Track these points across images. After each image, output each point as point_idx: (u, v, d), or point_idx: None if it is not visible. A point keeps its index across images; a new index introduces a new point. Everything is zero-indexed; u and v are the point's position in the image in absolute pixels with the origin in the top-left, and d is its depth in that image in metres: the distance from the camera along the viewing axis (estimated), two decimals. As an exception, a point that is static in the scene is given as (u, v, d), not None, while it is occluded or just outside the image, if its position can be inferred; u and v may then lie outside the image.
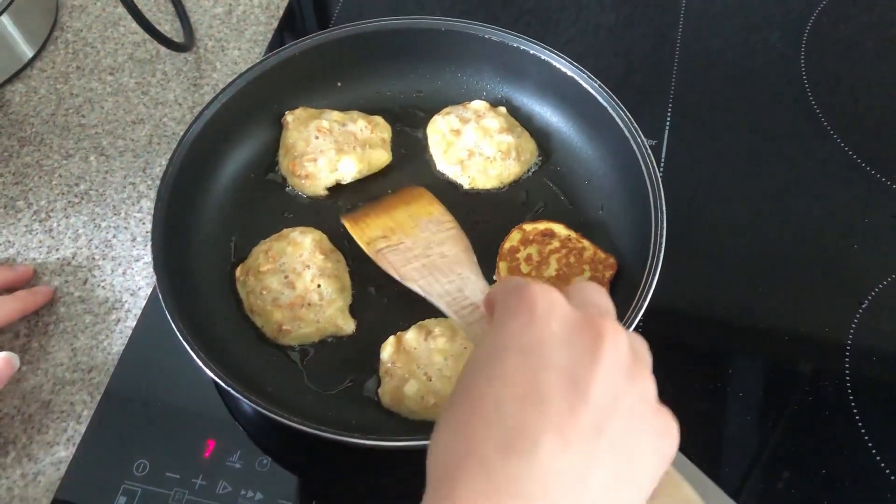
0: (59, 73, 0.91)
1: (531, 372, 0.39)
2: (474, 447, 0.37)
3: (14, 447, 0.67)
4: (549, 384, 0.38)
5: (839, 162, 0.82)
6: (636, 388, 0.40)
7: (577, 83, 0.74)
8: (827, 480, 0.64)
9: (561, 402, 0.38)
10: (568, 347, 0.39)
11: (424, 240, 0.67)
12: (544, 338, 0.40)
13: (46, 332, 0.72)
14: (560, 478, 0.36)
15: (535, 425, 0.37)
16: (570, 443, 0.37)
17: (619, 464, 0.38)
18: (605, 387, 0.38)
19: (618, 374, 0.39)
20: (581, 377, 0.38)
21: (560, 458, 0.36)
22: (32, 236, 0.78)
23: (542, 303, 0.41)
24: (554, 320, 0.41)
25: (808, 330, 0.71)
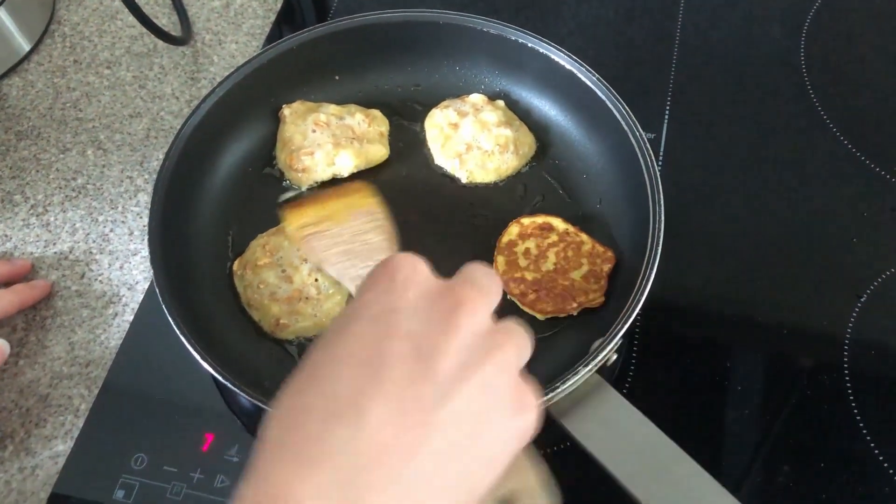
0: (56, 67, 0.90)
1: (376, 340, 0.38)
2: (301, 418, 0.36)
3: (12, 441, 0.66)
4: (392, 352, 0.37)
5: (838, 155, 0.82)
6: (493, 360, 0.38)
7: (576, 76, 0.74)
8: (825, 473, 0.64)
9: (401, 371, 0.36)
10: (422, 316, 0.39)
11: (352, 228, 0.67)
12: (398, 306, 0.39)
13: (44, 327, 0.72)
14: (384, 449, 0.35)
15: (365, 394, 0.36)
16: (404, 412, 0.35)
17: (459, 438, 0.36)
18: (456, 357, 0.37)
19: (473, 345, 0.38)
20: (429, 346, 0.37)
21: (387, 428, 0.35)
22: (30, 230, 0.78)
23: (404, 271, 0.41)
24: (412, 289, 0.40)
25: (807, 323, 0.71)
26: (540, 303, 0.67)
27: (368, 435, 0.34)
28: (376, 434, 0.35)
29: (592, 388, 0.59)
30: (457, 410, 0.36)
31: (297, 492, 0.33)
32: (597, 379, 0.60)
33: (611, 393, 0.59)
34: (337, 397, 0.36)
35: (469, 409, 0.37)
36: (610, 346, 0.59)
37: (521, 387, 0.40)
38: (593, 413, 0.58)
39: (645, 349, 0.70)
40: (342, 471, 0.34)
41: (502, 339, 0.40)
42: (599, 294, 0.67)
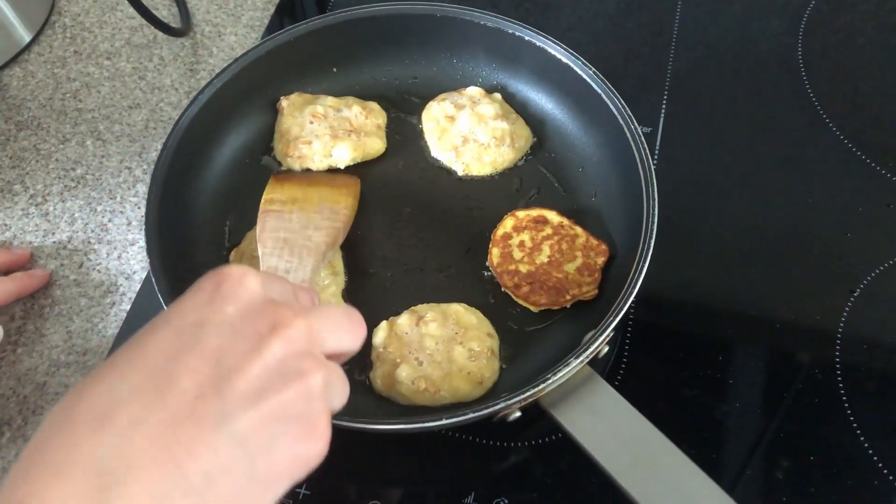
0: (56, 58, 0.91)
1: (174, 350, 0.37)
2: (71, 419, 0.35)
3: (9, 428, 0.67)
4: (187, 366, 0.36)
5: (835, 151, 0.82)
6: (294, 387, 0.38)
7: (572, 70, 0.74)
8: (815, 468, 0.64)
9: (189, 385, 0.35)
10: (232, 332, 0.37)
11: (307, 220, 0.68)
12: (211, 319, 0.38)
13: (42, 315, 0.73)
14: (148, 457, 0.33)
15: (143, 404, 0.34)
16: (179, 424, 0.34)
17: (235, 458, 0.35)
18: (254, 380, 0.36)
19: (277, 369, 0.37)
20: (229, 365, 0.36)
21: (159, 439, 0.34)
22: (29, 220, 0.79)
23: (229, 283, 0.40)
24: (232, 303, 0.39)
25: (800, 317, 0.71)
26: (534, 295, 0.67)
27: (133, 446, 0.33)
28: (142, 446, 0.33)
29: (584, 379, 0.60)
30: (237, 432, 0.35)
31: (44, 500, 0.32)
32: (588, 371, 0.60)
33: (602, 385, 0.59)
34: (112, 405, 0.34)
35: (250, 434, 0.36)
36: (601, 339, 0.59)
37: (314, 417, 0.39)
38: (584, 405, 0.58)
39: (637, 343, 0.70)
40: (96, 481, 0.32)
41: (312, 369, 0.39)
42: (593, 287, 0.67)
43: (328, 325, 0.42)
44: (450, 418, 0.56)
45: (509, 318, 0.68)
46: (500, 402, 0.56)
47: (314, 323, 0.40)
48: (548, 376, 0.57)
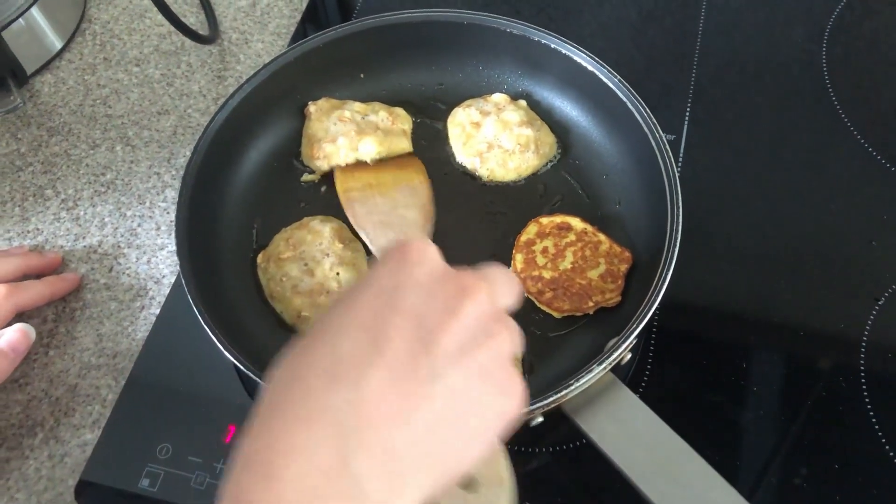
0: (86, 65, 0.93)
1: (380, 312, 0.40)
2: (302, 375, 0.38)
3: (42, 429, 0.68)
4: (395, 325, 0.39)
5: (859, 159, 0.82)
6: (489, 346, 0.40)
7: (597, 77, 0.75)
8: (839, 475, 0.64)
9: (401, 344, 0.38)
10: (427, 296, 0.40)
11: (393, 201, 0.71)
12: (406, 283, 0.41)
13: (73, 318, 0.74)
14: (380, 411, 0.37)
15: (366, 361, 0.38)
16: (399, 382, 0.37)
17: (450, 410, 0.38)
18: (454, 338, 0.39)
19: (472, 329, 0.40)
20: (430, 325, 0.39)
21: (385, 394, 0.37)
22: (60, 224, 0.80)
23: (415, 253, 0.43)
24: (422, 269, 0.42)
25: (824, 325, 0.71)
26: (557, 301, 0.68)
27: (364, 399, 0.37)
28: (372, 399, 0.37)
29: (606, 386, 0.60)
30: (449, 387, 0.38)
31: (292, 444, 0.36)
32: (611, 378, 0.60)
33: (624, 392, 0.60)
34: (338, 361, 0.38)
35: (460, 388, 0.39)
36: (624, 346, 0.59)
37: (510, 374, 0.42)
38: (606, 411, 0.59)
39: (661, 350, 0.71)
40: (336, 429, 0.36)
41: (499, 329, 0.41)
42: (616, 294, 0.68)
43: (499, 287, 0.44)
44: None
45: (532, 323, 0.69)
46: (524, 406, 0.57)
47: (491, 285, 0.43)
48: (570, 382, 0.57)
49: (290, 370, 0.39)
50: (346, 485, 0.35)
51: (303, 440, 0.36)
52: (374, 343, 0.38)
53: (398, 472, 0.37)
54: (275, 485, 0.35)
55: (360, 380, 0.37)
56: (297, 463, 0.35)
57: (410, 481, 0.37)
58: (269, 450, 0.36)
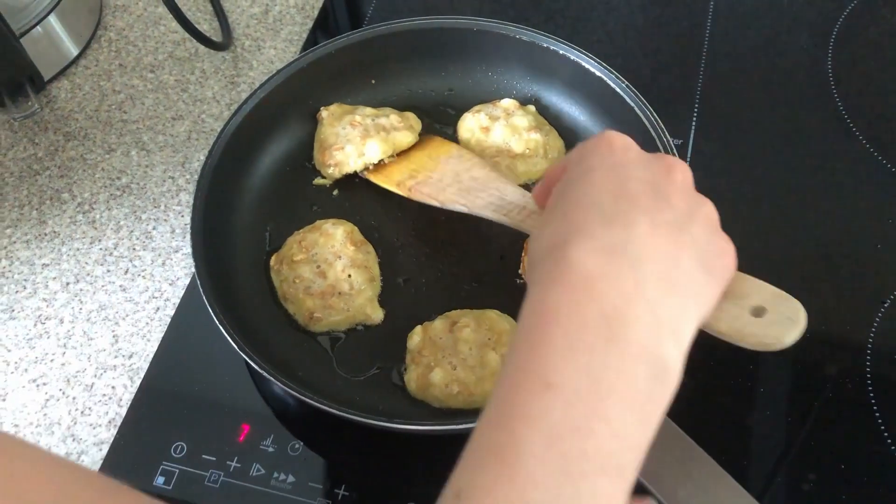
0: (102, 71, 0.94)
1: (619, 181, 0.45)
2: (579, 225, 0.43)
3: (59, 427, 0.70)
4: (637, 189, 0.44)
5: (865, 163, 0.82)
6: (704, 209, 0.46)
7: (605, 82, 0.76)
8: (846, 478, 0.65)
9: (648, 202, 0.44)
10: (647, 168, 0.46)
11: (451, 171, 0.72)
12: (624, 160, 0.47)
13: (89, 319, 0.75)
14: (658, 251, 0.42)
15: (629, 213, 0.43)
16: (660, 226, 0.43)
17: (698, 255, 0.43)
18: (683, 198, 0.45)
19: (690, 193, 0.46)
20: (662, 187, 0.45)
21: (654, 236, 0.42)
22: (76, 227, 0.82)
23: (619, 140, 0.49)
24: (631, 151, 0.48)
25: (830, 328, 0.72)
26: (566, 303, 0.68)
27: (639, 238, 0.42)
28: (646, 240, 0.42)
29: (616, 385, 0.61)
30: (692, 235, 0.44)
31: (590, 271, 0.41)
32: (620, 377, 0.61)
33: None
34: (606, 214, 0.43)
35: (700, 238, 0.44)
36: (634, 345, 0.60)
37: (721, 232, 0.47)
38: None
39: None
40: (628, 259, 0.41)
41: (703, 199, 0.47)
42: (625, 295, 0.69)
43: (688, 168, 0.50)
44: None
45: (541, 325, 0.69)
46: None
47: None
48: (581, 381, 0.58)
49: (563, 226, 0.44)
50: (641, 308, 0.40)
51: (600, 263, 0.41)
52: (628, 201, 0.44)
53: (680, 302, 0.42)
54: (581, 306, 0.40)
55: (630, 224, 0.42)
56: (602, 284, 0.40)
57: (688, 310, 0.42)
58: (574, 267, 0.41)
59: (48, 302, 0.77)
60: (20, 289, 0.77)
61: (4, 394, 0.71)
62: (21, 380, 0.72)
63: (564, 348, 0.39)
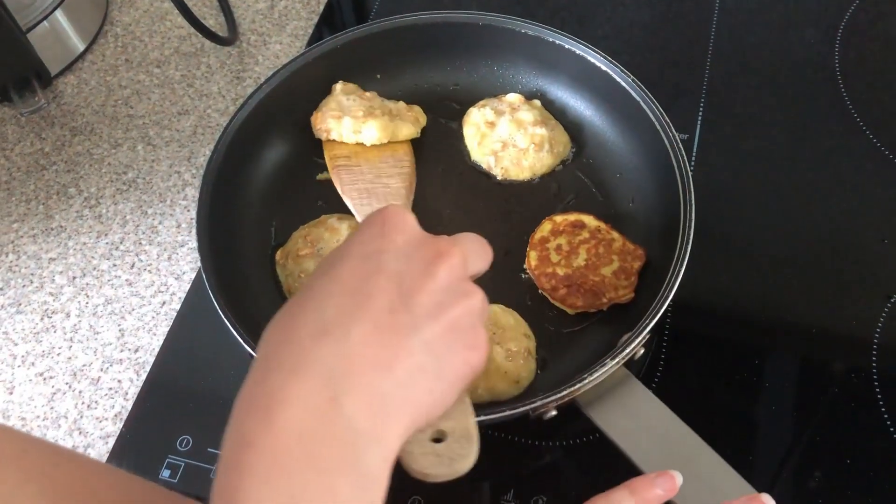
0: (108, 66, 0.94)
1: (364, 274, 0.44)
2: (292, 335, 0.42)
3: (66, 421, 0.70)
4: (378, 286, 0.43)
5: (871, 158, 0.82)
6: (461, 305, 0.45)
7: (611, 77, 0.75)
8: (852, 473, 0.65)
9: (383, 302, 0.42)
10: (406, 259, 0.45)
11: (377, 170, 0.74)
12: (386, 248, 0.45)
13: (96, 313, 0.76)
14: (365, 361, 0.41)
15: (351, 317, 0.42)
16: (382, 334, 0.41)
17: (427, 360, 0.43)
18: (431, 297, 0.44)
19: (447, 289, 0.45)
20: (409, 285, 0.44)
21: (369, 346, 0.41)
22: (83, 221, 0.82)
23: (394, 219, 0.47)
24: (400, 235, 0.46)
25: (837, 322, 0.72)
26: (570, 298, 0.69)
27: (351, 350, 0.40)
28: (358, 349, 0.41)
29: (619, 381, 0.61)
30: (426, 340, 0.43)
31: (286, 393, 0.39)
32: (624, 372, 0.61)
33: (637, 386, 0.61)
34: (325, 319, 0.42)
35: (436, 341, 0.43)
36: (637, 341, 0.60)
37: (478, 330, 0.46)
38: (619, 405, 0.60)
39: (674, 347, 0.71)
40: (326, 378, 0.39)
41: (470, 290, 0.46)
42: (629, 290, 0.69)
43: (472, 251, 0.50)
44: (488, 414, 0.58)
45: (546, 320, 0.70)
46: (537, 399, 0.58)
47: (463, 250, 0.48)
48: (584, 376, 0.58)
49: (281, 331, 0.43)
50: (340, 425, 0.39)
51: (296, 389, 0.39)
52: (357, 303, 0.42)
53: (384, 413, 0.41)
54: (274, 427, 0.38)
55: (347, 334, 0.41)
56: (293, 408, 0.38)
57: (395, 421, 0.41)
58: (267, 397, 0.39)
59: (55, 296, 0.77)
60: (27, 283, 0.78)
61: (12, 387, 0.72)
62: (28, 373, 0.72)
63: (261, 474, 0.37)
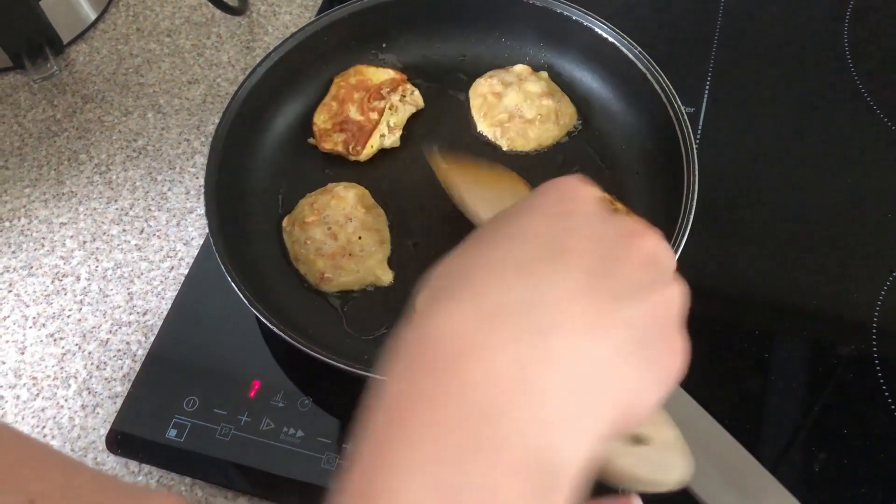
0: (119, 35, 0.95)
1: (557, 230, 0.36)
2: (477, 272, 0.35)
3: (75, 381, 0.71)
4: (578, 244, 0.36)
5: (880, 136, 0.82)
6: (663, 293, 0.37)
7: (618, 49, 0.76)
8: (852, 449, 0.65)
9: (582, 261, 0.35)
10: (599, 226, 0.37)
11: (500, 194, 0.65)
12: (576, 210, 0.38)
13: (105, 277, 0.77)
14: (572, 320, 0.33)
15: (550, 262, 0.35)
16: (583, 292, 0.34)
17: (634, 340, 0.35)
18: (633, 272, 0.36)
19: (647, 270, 0.37)
20: (608, 252, 0.36)
21: (576, 302, 0.33)
22: (93, 187, 0.83)
23: (581, 187, 0.40)
24: (589, 203, 0.39)
25: (838, 295, 0.72)
26: (574, 267, 0.69)
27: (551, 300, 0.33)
28: (561, 302, 0.33)
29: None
30: (631, 318, 0.35)
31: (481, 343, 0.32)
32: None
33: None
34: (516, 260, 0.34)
35: (640, 322, 0.35)
36: (638, 308, 0.61)
37: (677, 330, 0.38)
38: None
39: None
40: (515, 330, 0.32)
41: (669, 279, 0.38)
42: (632, 260, 0.69)
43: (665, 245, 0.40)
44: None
45: (549, 289, 0.70)
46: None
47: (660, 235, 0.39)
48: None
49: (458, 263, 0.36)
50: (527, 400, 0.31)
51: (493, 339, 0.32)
52: (554, 253, 0.35)
53: (581, 395, 0.32)
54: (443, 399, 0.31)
55: (546, 279, 0.33)
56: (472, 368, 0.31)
57: (591, 411, 0.33)
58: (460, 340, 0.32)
59: (65, 259, 0.78)
60: (38, 246, 0.79)
61: (23, 347, 0.73)
62: (39, 334, 0.74)
63: (411, 460, 0.30)
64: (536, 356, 0.32)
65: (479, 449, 0.30)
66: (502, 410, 0.30)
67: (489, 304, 0.33)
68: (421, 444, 0.30)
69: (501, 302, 0.33)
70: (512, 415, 0.30)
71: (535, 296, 0.33)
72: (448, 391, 0.31)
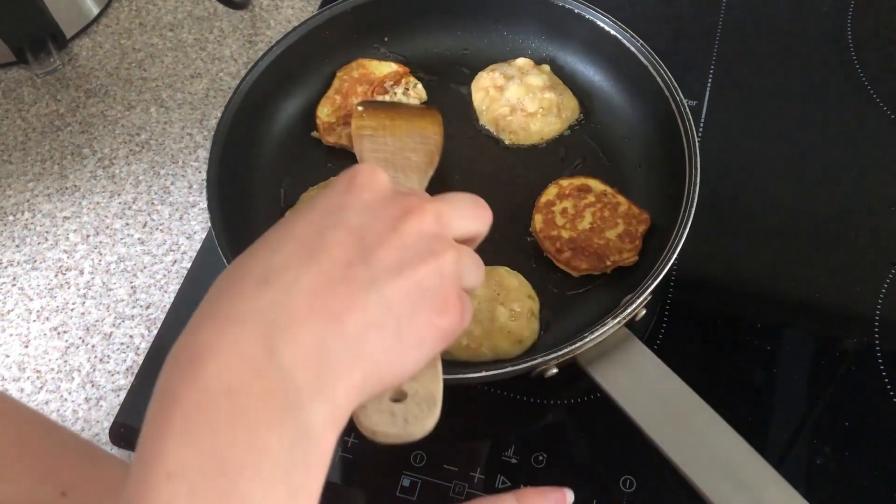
0: (122, 29, 0.95)
1: (322, 227, 0.41)
2: (235, 281, 0.39)
3: (79, 374, 0.72)
4: (335, 239, 0.40)
5: (884, 129, 0.82)
6: (430, 264, 0.41)
7: (620, 42, 0.76)
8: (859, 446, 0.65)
9: (339, 254, 0.39)
10: (370, 214, 0.42)
11: (402, 144, 0.71)
12: (350, 203, 0.42)
13: (108, 270, 0.77)
14: (311, 311, 0.37)
15: (299, 266, 0.38)
16: (334, 285, 0.38)
17: (385, 319, 0.39)
18: (395, 253, 0.40)
19: (413, 246, 0.41)
20: (371, 238, 0.40)
21: (317, 294, 0.38)
22: (97, 181, 0.83)
23: (363, 176, 0.44)
24: (368, 191, 0.43)
25: (841, 287, 0.72)
26: (575, 260, 0.69)
27: (296, 298, 0.37)
28: (304, 299, 0.37)
29: (621, 340, 0.62)
30: (384, 297, 0.39)
31: (218, 341, 0.36)
32: (625, 332, 0.62)
33: (638, 345, 0.61)
34: (271, 267, 0.39)
35: (396, 301, 0.40)
36: (638, 301, 0.61)
37: (450, 293, 0.42)
38: (620, 363, 0.60)
39: (676, 312, 0.72)
40: (264, 327, 0.36)
41: (442, 249, 0.43)
42: (633, 254, 0.69)
43: (456, 211, 0.46)
44: (490, 370, 0.59)
45: (550, 282, 0.70)
46: (538, 357, 0.59)
47: (442, 208, 0.44)
48: (585, 335, 0.59)
49: (225, 280, 0.40)
50: (275, 378, 0.36)
51: (230, 338, 0.36)
52: (309, 254, 0.39)
53: (329, 368, 0.37)
54: (200, 379, 0.35)
55: (292, 283, 0.38)
56: (224, 358, 0.35)
57: (342, 378, 0.38)
58: (197, 346, 0.36)
59: (69, 253, 0.78)
60: (42, 240, 0.79)
61: (27, 340, 0.73)
62: (43, 327, 0.74)
63: (184, 431, 0.34)
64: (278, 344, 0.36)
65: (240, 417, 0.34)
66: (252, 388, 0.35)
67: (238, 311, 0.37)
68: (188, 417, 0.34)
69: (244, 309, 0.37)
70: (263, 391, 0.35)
71: (279, 298, 0.37)
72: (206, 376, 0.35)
